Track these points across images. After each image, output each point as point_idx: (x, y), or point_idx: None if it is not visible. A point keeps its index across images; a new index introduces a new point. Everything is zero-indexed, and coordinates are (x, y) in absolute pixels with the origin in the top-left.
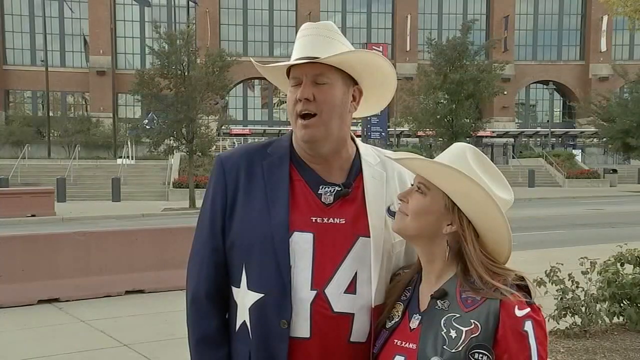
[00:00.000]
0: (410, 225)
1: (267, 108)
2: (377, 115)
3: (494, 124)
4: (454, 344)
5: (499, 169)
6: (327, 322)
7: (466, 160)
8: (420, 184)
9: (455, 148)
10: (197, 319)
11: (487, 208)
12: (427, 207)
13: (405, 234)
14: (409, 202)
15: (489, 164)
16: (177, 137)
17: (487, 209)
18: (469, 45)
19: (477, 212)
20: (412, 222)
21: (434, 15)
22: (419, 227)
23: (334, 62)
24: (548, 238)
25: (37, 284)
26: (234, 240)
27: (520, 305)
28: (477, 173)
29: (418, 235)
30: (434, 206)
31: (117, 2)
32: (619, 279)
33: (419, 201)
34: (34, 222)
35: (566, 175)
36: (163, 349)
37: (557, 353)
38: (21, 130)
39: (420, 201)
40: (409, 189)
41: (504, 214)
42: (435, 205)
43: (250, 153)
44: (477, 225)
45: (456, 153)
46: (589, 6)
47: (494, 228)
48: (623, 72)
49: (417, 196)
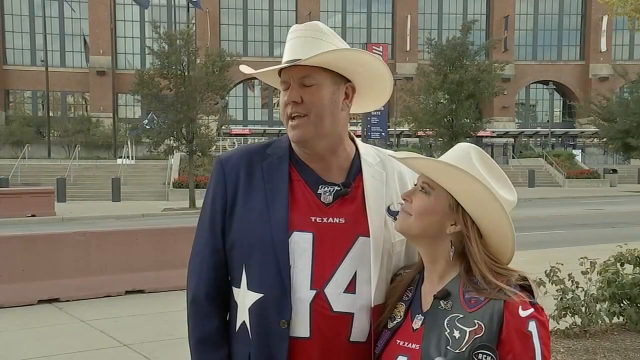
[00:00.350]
0: (413, 225)
1: (267, 108)
2: (377, 115)
3: (494, 124)
4: (458, 345)
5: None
6: (326, 321)
7: (471, 160)
8: (424, 184)
9: (460, 148)
10: (197, 319)
11: (492, 208)
12: (431, 207)
13: (409, 233)
14: (412, 201)
15: (493, 164)
16: (177, 137)
17: (491, 209)
18: (469, 45)
19: (481, 212)
20: (415, 222)
21: (434, 15)
22: (422, 227)
23: (315, 62)
24: (548, 238)
25: (37, 284)
26: (234, 240)
27: (524, 305)
28: (481, 173)
29: (421, 234)
30: (437, 206)
31: (117, 2)
32: (619, 279)
33: (423, 201)
34: (34, 222)
35: (566, 175)
36: (163, 349)
37: (557, 353)
38: (21, 130)
39: (424, 201)
40: (413, 189)
41: (508, 214)
42: (439, 205)
43: (249, 154)
44: (480, 225)
45: (460, 153)
46: (589, 6)
47: (498, 228)
48: (623, 72)
49: (421, 196)
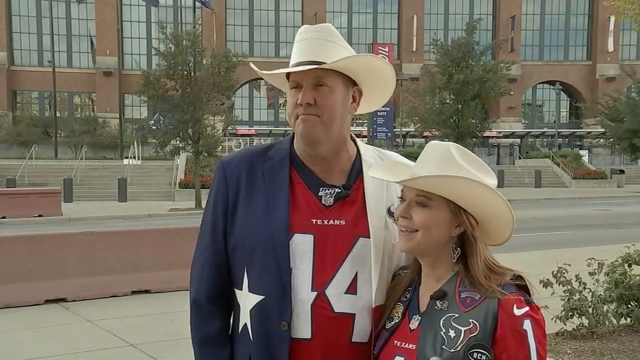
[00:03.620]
0: (422, 241)
1: (273, 108)
2: (382, 115)
3: (500, 125)
4: (453, 344)
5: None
6: (328, 322)
7: (457, 161)
8: (421, 197)
9: (440, 151)
10: (199, 321)
11: (492, 202)
12: (435, 218)
13: (418, 250)
14: (412, 217)
15: (472, 156)
16: (183, 137)
17: (492, 202)
18: (474, 45)
19: (481, 206)
20: (424, 237)
21: (440, 15)
22: (432, 241)
23: (338, 67)
24: (555, 239)
25: (43, 283)
26: (235, 242)
27: (519, 304)
28: (470, 171)
29: (431, 247)
30: (441, 215)
31: (123, 2)
32: (626, 280)
33: (426, 214)
34: (40, 222)
35: (573, 176)
36: (169, 349)
37: (564, 354)
38: (28, 130)
39: (427, 214)
40: (406, 205)
41: (505, 200)
42: (442, 213)
43: (251, 156)
44: (481, 218)
45: (444, 155)
46: (595, 6)
47: (498, 215)
48: (631, 71)
49: (421, 210)
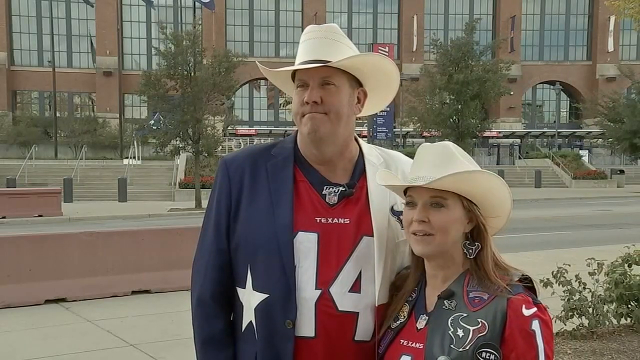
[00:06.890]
0: (441, 242)
1: (273, 109)
2: (383, 115)
3: (500, 125)
4: (462, 343)
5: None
6: (332, 321)
7: (459, 158)
8: (436, 198)
9: (441, 150)
10: (203, 320)
11: (499, 193)
12: (453, 218)
13: (437, 251)
14: (430, 220)
15: (463, 151)
16: (183, 137)
17: (498, 192)
18: (473, 45)
19: (491, 198)
20: (443, 238)
21: (440, 15)
22: (450, 240)
23: (346, 65)
24: (555, 239)
25: (44, 283)
26: (239, 241)
27: (527, 304)
28: (470, 165)
29: (449, 248)
30: (456, 214)
31: (123, 2)
32: (626, 280)
33: (444, 215)
34: (41, 222)
35: (573, 176)
36: (169, 349)
37: (564, 354)
38: (28, 130)
39: (445, 214)
40: (422, 208)
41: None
42: (457, 212)
43: (254, 155)
44: (486, 209)
45: (446, 154)
46: (596, 6)
47: (501, 202)
48: (629, 72)
49: (438, 211)
